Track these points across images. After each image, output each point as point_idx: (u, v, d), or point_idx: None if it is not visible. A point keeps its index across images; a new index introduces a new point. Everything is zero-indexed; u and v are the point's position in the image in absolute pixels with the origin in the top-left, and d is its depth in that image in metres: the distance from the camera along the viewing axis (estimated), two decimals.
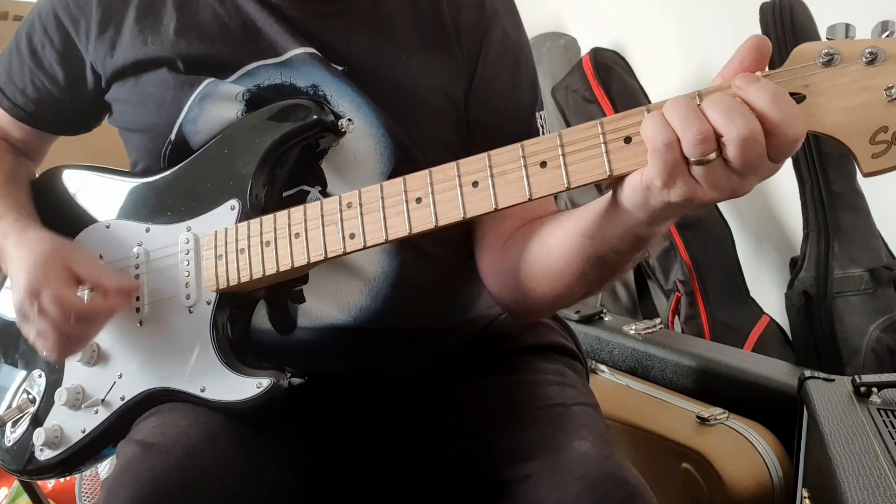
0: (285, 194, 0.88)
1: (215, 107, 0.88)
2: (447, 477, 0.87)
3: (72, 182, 1.00)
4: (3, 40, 1.05)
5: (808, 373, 1.11)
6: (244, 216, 0.84)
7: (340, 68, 0.88)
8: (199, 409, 0.81)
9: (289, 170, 0.87)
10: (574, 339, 1.05)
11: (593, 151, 0.64)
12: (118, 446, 0.82)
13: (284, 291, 0.88)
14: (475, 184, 0.69)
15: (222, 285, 0.83)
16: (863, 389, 1.02)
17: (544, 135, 0.75)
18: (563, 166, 0.65)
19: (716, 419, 1.28)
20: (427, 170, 0.72)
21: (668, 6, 2.08)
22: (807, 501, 1.03)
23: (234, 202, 0.85)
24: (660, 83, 2.01)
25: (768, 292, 1.87)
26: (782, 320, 1.75)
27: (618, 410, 1.37)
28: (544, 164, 0.66)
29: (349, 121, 0.86)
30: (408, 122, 0.88)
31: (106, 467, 1.42)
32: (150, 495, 0.70)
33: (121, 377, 0.88)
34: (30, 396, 0.95)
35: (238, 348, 0.84)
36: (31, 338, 0.87)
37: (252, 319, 0.88)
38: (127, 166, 0.99)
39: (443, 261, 0.94)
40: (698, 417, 1.29)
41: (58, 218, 0.97)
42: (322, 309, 0.88)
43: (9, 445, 0.95)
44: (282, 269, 0.80)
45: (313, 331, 0.88)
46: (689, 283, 1.85)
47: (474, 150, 0.71)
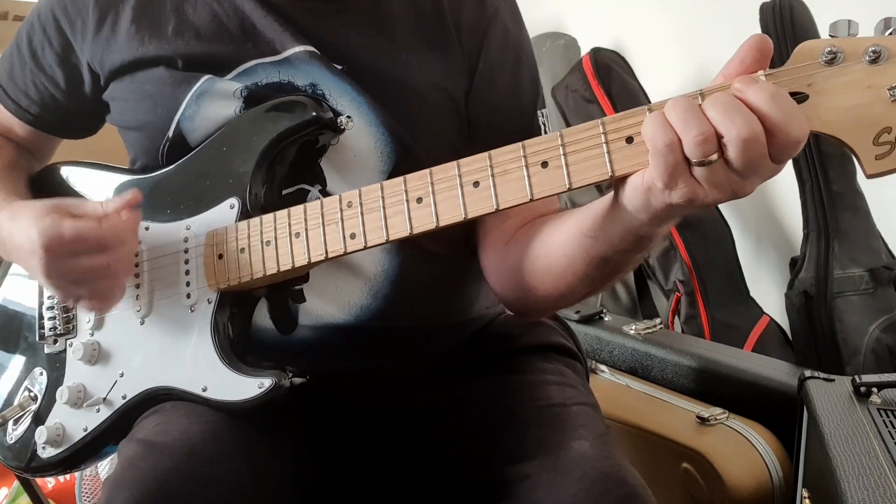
0: (284, 192, 0.88)
1: (213, 104, 0.88)
2: (446, 476, 0.87)
3: (71, 179, 1.00)
4: (3, 40, 1.05)
5: (808, 373, 1.11)
6: (244, 215, 0.84)
7: (340, 67, 0.88)
8: (201, 407, 0.81)
9: (287, 168, 0.87)
10: (574, 339, 1.05)
11: (595, 151, 0.64)
12: (120, 445, 0.82)
13: (285, 290, 0.87)
14: (476, 183, 0.69)
15: (223, 284, 0.83)
16: (863, 389, 1.02)
17: (546, 134, 0.74)
18: (565, 166, 0.65)
19: (716, 419, 1.28)
20: (427, 169, 0.72)
21: (668, 6, 2.08)
22: (807, 501, 1.03)
23: (234, 200, 0.85)
24: (660, 83, 2.01)
25: (768, 292, 1.87)
26: (782, 320, 1.75)
27: (618, 410, 1.37)
28: (545, 164, 0.66)
29: (348, 118, 0.86)
30: (408, 120, 0.88)
31: (106, 467, 1.42)
32: (151, 494, 0.70)
33: (122, 376, 0.88)
34: (31, 394, 0.95)
35: (239, 347, 0.84)
36: (69, 300, 0.83)
37: (253, 318, 0.88)
38: (127, 165, 0.99)
39: (443, 260, 0.94)
40: (698, 417, 1.29)
41: None
42: (323, 308, 0.88)
43: (11, 443, 0.95)
44: (282, 268, 0.80)
45: (314, 329, 0.88)
46: (689, 283, 1.85)
47: (475, 148, 0.71)
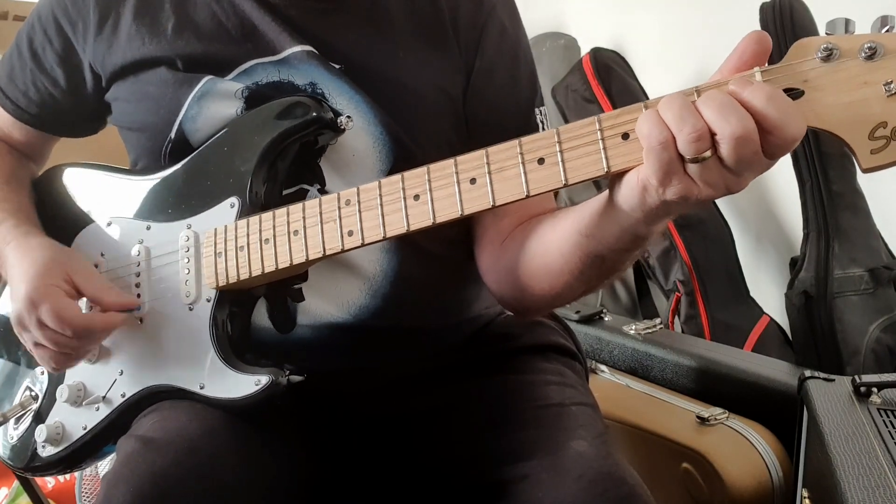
0: (285, 192, 0.88)
1: (214, 104, 0.89)
2: (445, 476, 0.87)
3: (73, 180, 1.01)
4: (3, 40, 1.06)
5: (808, 373, 1.11)
6: (244, 213, 0.84)
7: (338, 66, 0.88)
8: (200, 406, 0.81)
9: (288, 167, 0.87)
10: (573, 339, 1.05)
11: (591, 148, 0.64)
12: (118, 442, 0.82)
13: (284, 289, 0.88)
14: (473, 181, 0.69)
15: (222, 283, 0.83)
16: (863, 389, 1.01)
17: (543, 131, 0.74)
18: (561, 163, 0.65)
19: (716, 419, 1.27)
20: (425, 167, 0.72)
21: (668, 6, 2.08)
22: (807, 501, 1.03)
23: (234, 199, 0.85)
24: (660, 83, 2.01)
25: (768, 292, 1.87)
26: (782, 320, 1.75)
27: (618, 410, 1.37)
28: (542, 161, 0.66)
29: (348, 118, 0.86)
30: (406, 119, 0.88)
31: (105, 466, 1.42)
32: (149, 490, 0.70)
33: (121, 374, 0.88)
34: (32, 393, 0.96)
35: (238, 346, 0.84)
36: (28, 347, 0.88)
37: (252, 317, 0.88)
38: (128, 166, 0.99)
39: (442, 259, 0.94)
40: (698, 417, 1.29)
41: (60, 216, 0.98)
42: (322, 307, 0.88)
43: (12, 442, 0.96)
44: (281, 266, 0.80)
45: (313, 329, 0.88)
46: (689, 283, 1.85)
47: (473, 145, 0.71)
